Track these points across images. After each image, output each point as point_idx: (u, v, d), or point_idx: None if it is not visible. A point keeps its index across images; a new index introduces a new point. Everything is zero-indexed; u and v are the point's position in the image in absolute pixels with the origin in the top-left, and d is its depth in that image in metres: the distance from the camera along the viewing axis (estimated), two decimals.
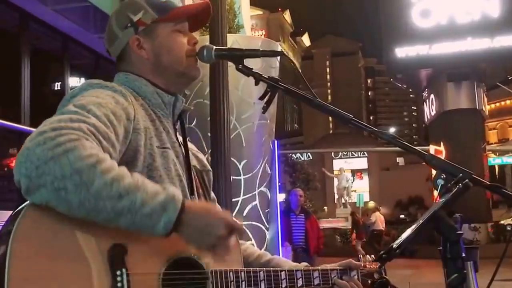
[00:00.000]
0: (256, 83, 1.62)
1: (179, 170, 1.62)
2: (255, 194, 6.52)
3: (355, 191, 52.49)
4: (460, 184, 1.34)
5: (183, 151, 1.70)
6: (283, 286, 1.65)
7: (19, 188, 1.27)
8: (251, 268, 1.60)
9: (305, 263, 1.84)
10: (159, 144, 1.57)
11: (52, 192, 1.21)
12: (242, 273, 1.57)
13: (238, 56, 1.68)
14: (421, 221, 1.31)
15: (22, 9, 7.86)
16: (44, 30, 8.58)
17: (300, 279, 1.69)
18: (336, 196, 52.09)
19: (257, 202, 6.52)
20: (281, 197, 13.91)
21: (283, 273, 1.66)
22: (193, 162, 1.78)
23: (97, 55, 9.52)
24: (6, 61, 8.28)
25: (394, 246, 1.30)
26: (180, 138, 1.73)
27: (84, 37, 8.94)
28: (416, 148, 1.49)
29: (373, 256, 1.86)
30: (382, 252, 1.31)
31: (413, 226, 1.32)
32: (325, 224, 31.62)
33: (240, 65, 1.65)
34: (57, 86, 9.20)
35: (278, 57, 7.01)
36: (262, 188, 6.65)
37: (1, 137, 8.06)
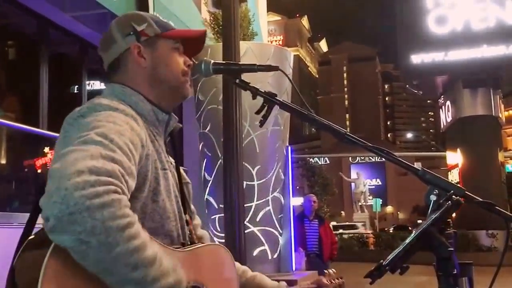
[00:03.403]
0: (253, 97, 1.64)
1: (176, 191, 1.65)
2: (268, 199, 6.55)
3: (371, 196, 52.23)
4: (450, 201, 1.33)
5: (174, 170, 1.70)
6: None
7: (37, 192, 1.29)
8: None
9: (284, 283, 1.90)
10: (161, 166, 1.58)
11: (74, 241, 1.21)
12: None
13: (235, 70, 1.71)
14: (411, 238, 1.30)
15: (41, 15, 7.99)
16: (63, 36, 8.70)
17: None
18: (353, 201, 51.92)
19: (270, 207, 6.56)
20: (298, 201, 13.90)
21: None
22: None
23: None
24: (25, 66, 8.41)
25: (383, 263, 1.29)
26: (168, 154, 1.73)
27: None
28: (409, 164, 1.49)
29: (333, 270, 1.94)
30: (372, 269, 1.31)
31: (403, 243, 1.31)
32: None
33: (237, 80, 1.68)
34: (75, 90, 9.32)
35: (291, 63, 7.08)
36: (276, 194, 6.68)
37: (19, 141, 8.19)
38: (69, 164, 1.25)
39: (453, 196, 1.33)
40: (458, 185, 1.40)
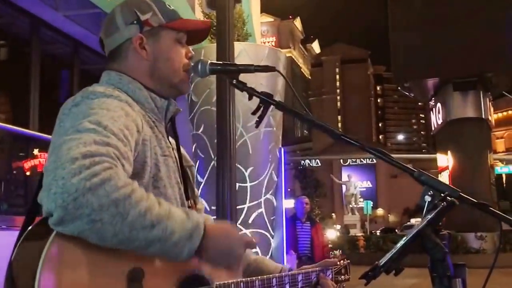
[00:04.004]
0: (250, 98, 1.63)
1: (178, 177, 1.65)
2: (261, 201, 6.52)
3: (361, 198, 52.27)
4: (445, 202, 1.33)
5: (176, 155, 1.70)
6: None
7: (46, 216, 1.25)
8: (248, 278, 1.65)
9: (288, 266, 1.93)
10: (161, 152, 1.58)
11: (88, 223, 1.22)
12: (242, 283, 1.62)
13: (232, 71, 1.68)
14: (406, 239, 1.31)
15: (34, 14, 7.93)
16: (55, 36, 8.65)
17: (288, 283, 1.77)
18: (344, 203, 51.92)
19: (262, 209, 6.53)
20: (290, 203, 13.84)
21: (274, 279, 1.72)
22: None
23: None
24: (17, 65, 8.35)
25: (379, 264, 1.29)
26: (172, 141, 1.73)
27: (95, 42, 9.00)
28: (405, 165, 1.49)
29: (339, 251, 2.03)
30: (367, 270, 1.31)
31: (398, 244, 1.31)
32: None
33: (234, 80, 1.66)
34: (67, 91, 9.25)
35: (284, 65, 7.07)
36: (268, 196, 6.65)
37: (9, 142, 8.10)
38: (63, 154, 1.26)
39: (448, 197, 1.34)
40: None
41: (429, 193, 1.38)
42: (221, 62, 1.74)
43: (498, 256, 1.54)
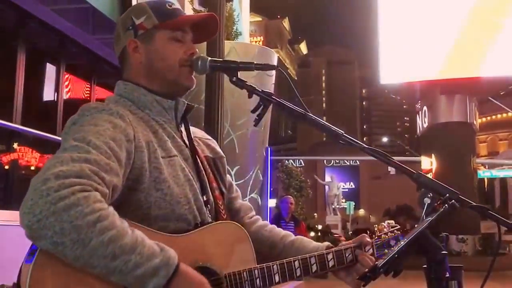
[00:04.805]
0: (249, 96, 1.62)
1: (188, 174, 1.64)
2: (246, 200, 6.52)
3: (344, 198, 52.50)
4: (446, 205, 1.34)
5: (191, 152, 1.70)
6: (297, 274, 1.66)
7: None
8: (264, 264, 1.62)
9: (327, 243, 1.83)
10: (164, 154, 1.59)
11: (51, 244, 1.26)
12: (256, 270, 1.60)
13: (232, 68, 1.67)
14: (406, 241, 1.30)
15: (20, 7, 7.84)
16: (42, 29, 8.55)
17: (314, 264, 1.68)
18: (327, 203, 52.09)
19: None
20: (272, 202, 13.84)
21: (296, 262, 1.66)
22: (205, 152, 1.80)
23: (94, 56, 9.49)
24: (2, 58, 8.24)
25: (379, 264, 1.29)
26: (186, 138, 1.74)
27: (82, 37, 8.92)
28: (406, 166, 1.47)
29: (391, 221, 1.83)
30: (366, 270, 1.31)
31: (398, 246, 1.31)
32: None
33: (234, 78, 1.65)
34: (52, 86, 9.15)
35: (275, 64, 7.07)
36: (253, 195, 6.66)
37: None
38: (41, 173, 1.31)
39: (448, 200, 1.34)
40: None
41: (429, 195, 1.38)
42: (221, 59, 1.75)
43: (478, 259, 1.54)
